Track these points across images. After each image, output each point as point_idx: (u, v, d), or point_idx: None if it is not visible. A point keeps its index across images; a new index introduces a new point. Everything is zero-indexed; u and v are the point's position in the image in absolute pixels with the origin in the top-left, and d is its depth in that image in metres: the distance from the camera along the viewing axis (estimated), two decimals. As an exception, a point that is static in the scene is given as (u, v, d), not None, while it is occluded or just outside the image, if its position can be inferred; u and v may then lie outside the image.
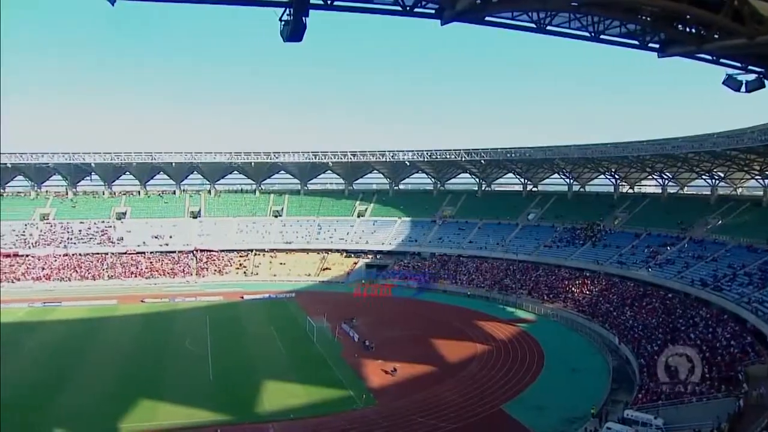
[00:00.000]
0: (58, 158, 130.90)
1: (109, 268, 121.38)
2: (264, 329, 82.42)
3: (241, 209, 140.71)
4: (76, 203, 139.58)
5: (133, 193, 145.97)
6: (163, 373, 63.07)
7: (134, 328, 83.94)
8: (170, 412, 51.11)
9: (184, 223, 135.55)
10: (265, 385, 58.53)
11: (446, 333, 79.06)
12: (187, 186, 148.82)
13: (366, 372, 62.76)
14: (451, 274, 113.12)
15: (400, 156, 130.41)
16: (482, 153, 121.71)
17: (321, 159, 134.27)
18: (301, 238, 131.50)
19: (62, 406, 53.48)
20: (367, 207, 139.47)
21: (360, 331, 78.37)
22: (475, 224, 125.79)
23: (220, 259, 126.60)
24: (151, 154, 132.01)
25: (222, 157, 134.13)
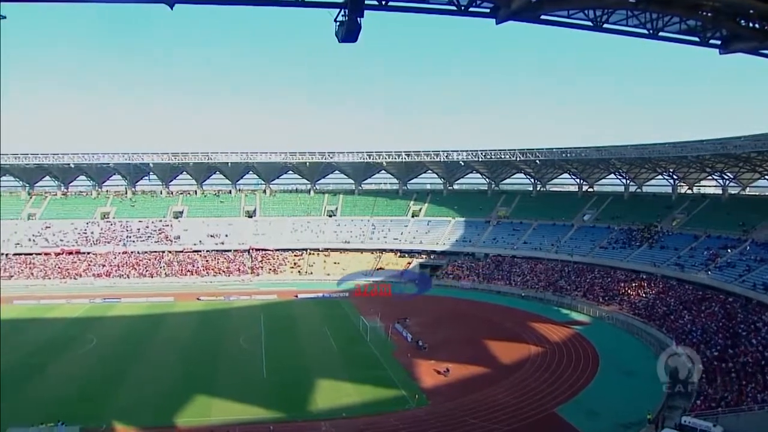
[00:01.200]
0: (118, 158, 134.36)
1: (166, 266, 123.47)
2: (317, 328, 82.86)
3: (296, 209, 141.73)
4: (135, 202, 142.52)
5: (190, 192, 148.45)
6: (217, 369, 63.85)
7: (190, 325, 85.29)
8: (224, 409, 51.71)
9: (239, 222, 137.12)
10: (318, 383, 58.72)
11: (500, 334, 78.33)
12: (242, 186, 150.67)
13: (418, 372, 62.53)
14: (505, 275, 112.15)
15: (455, 156, 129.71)
16: (537, 153, 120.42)
17: (375, 159, 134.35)
18: (355, 237, 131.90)
19: (122, 398, 54.80)
20: (421, 207, 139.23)
21: (413, 330, 78.25)
22: (529, 225, 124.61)
23: (275, 258, 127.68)
24: (208, 154, 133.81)
25: (277, 157, 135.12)
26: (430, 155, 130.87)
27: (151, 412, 50.87)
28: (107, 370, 63.43)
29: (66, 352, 71.01)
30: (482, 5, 26.77)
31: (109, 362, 66.58)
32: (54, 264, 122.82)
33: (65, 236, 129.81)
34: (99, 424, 47.71)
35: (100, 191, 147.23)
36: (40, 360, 67.12)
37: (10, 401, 53.75)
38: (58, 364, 65.84)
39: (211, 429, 45.81)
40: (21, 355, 68.76)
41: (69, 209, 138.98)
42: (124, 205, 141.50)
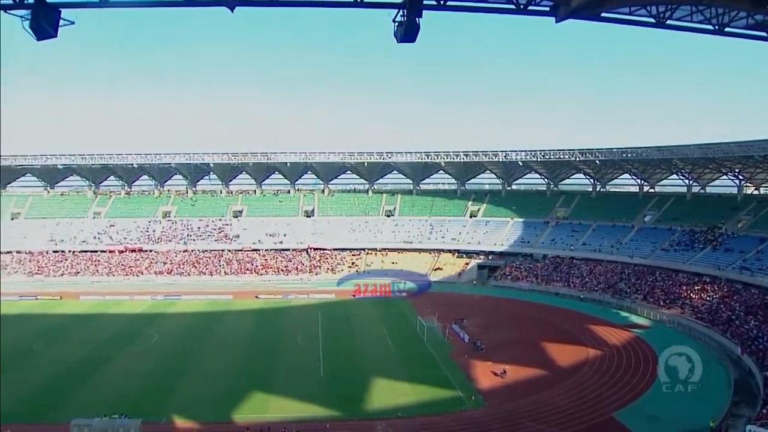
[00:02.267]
0: (180, 159, 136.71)
1: (225, 264, 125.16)
2: (374, 327, 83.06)
3: (354, 209, 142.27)
4: (196, 202, 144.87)
5: (249, 192, 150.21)
6: (275, 367, 64.41)
7: (249, 323, 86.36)
8: (281, 406, 52.09)
9: (297, 221, 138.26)
10: (375, 382, 58.74)
11: (557, 336, 77.23)
12: (301, 185, 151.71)
13: (475, 373, 62.08)
14: (563, 277, 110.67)
15: (513, 156, 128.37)
16: (597, 153, 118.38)
17: (433, 159, 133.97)
18: (413, 237, 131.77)
19: (181, 393, 55.83)
20: (479, 207, 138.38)
21: (470, 331, 77.76)
22: (588, 226, 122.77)
23: (333, 258, 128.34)
24: (267, 154, 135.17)
25: (335, 157, 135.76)
26: (489, 155, 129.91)
27: (210, 408, 51.59)
28: (168, 366, 64.76)
29: (129, 347, 72.67)
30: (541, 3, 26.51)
31: (169, 358, 67.99)
32: (117, 261, 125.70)
33: (128, 234, 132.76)
34: (159, 418, 48.63)
35: (162, 191, 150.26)
36: (104, 354, 68.93)
37: (76, 393, 55.73)
38: (121, 359, 67.45)
39: (268, 426, 46.09)
40: (86, 350, 70.97)
41: (132, 208, 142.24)
42: (185, 205, 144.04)
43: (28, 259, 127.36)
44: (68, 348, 71.81)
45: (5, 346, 69.33)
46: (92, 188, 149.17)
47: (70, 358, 67.03)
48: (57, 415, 49.25)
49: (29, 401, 53.63)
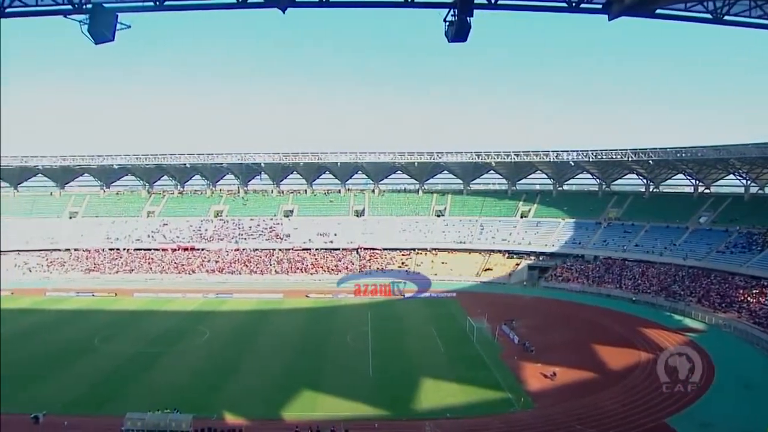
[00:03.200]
0: (231, 159, 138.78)
1: (276, 263, 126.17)
2: (424, 327, 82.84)
3: (404, 208, 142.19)
4: (247, 201, 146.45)
5: (300, 191, 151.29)
6: (324, 366, 64.71)
7: (299, 322, 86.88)
8: (330, 404, 52.37)
9: (348, 221, 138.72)
10: (423, 382, 58.58)
11: (608, 339, 75.87)
12: (351, 185, 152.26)
13: (524, 375, 61.44)
14: (615, 278, 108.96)
15: (564, 156, 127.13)
16: (650, 153, 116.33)
17: (484, 159, 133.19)
18: (463, 237, 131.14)
19: (232, 390, 56.59)
20: (530, 207, 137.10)
21: (520, 332, 77.10)
22: (641, 227, 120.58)
23: (383, 258, 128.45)
24: (317, 154, 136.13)
25: (386, 157, 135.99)
26: (540, 155, 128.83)
27: (260, 405, 52.12)
28: (219, 362, 65.62)
29: (181, 343, 74.00)
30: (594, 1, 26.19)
31: (220, 355, 68.88)
32: (170, 259, 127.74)
33: (181, 233, 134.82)
34: (210, 414, 49.21)
35: (214, 190, 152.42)
36: (157, 350, 70.35)
37: (130, 387, 57.06)
38: (173, 355, 68.75)
39: (316, 424, 46.31)
40: (140, 345, 72.57)
41: (185, 207, 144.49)
42: (237, 204, 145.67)
43: (84, 256, 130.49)
44: (123, 344, 73.42)
45: (66, 341, 73.47)
46: (146, 188, 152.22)
47: (125, 354, 68.56)
48: (112, 408, 50.60)
49: (87, 394, 55.44)
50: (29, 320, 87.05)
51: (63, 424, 47.23)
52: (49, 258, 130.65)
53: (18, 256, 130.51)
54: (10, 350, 69.63)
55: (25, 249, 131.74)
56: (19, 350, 70.00)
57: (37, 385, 58.11)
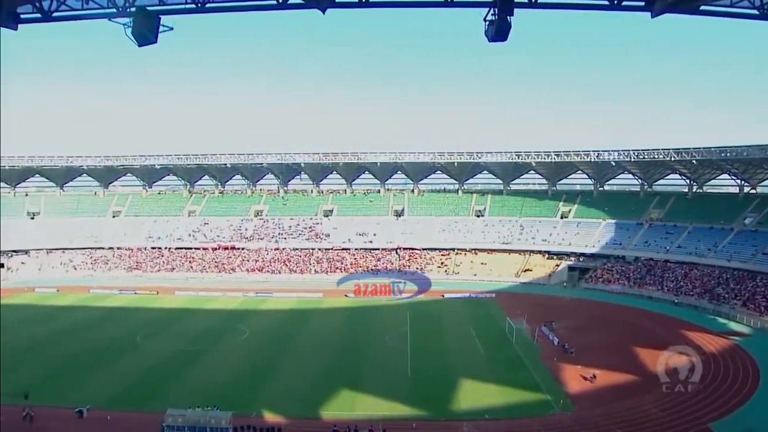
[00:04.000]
0: (271, 159, 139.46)
1: (315, 262, 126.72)
2: (463, 328, 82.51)
3: (444, 208, 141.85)
4: (287, 201, 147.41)
5: (340, 191, 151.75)
6: (363, 365, 64.84)
7: (338, 321, 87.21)
8: (368, 404, 52.38)
9: (387, 221, 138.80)
10: (462, 383, 58.29)
11: (650, 342, 74.03)
12: (391, 185, 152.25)
13: (564, 377, 60.72)
14: (657, 280, 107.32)
15: (605, 156, 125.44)
16: (693, 152, 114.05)
17: (524, 159, 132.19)
18: (502, 238, 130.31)
19: (271, 388, 57.00)
20: (570, 208, 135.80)
21: (560, 334, 76.26)
22: (684, 228, 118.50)
23: (422, 257, 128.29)
24: (357, 154, 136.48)
25: (425, 157, 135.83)
26: (580, 155, 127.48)
27: (298, 403, 52.35)
28: (258, 361, 66.07)
29: (221, 341, 74.69)
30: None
31: (260, 353, 69.33)
32: (211, 258, 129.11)
33: (221, 232, 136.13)
34: (249, 412, 49.54)
35: (254, 190, 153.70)
36: (197, 348, 71.20)
37: (171, 384, 58.04)
38: (213, 353, 69.45)
39: (355, 423, 46.37)
40: (181, 343, 73.55)
41: (225, 207, 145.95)
42: (277, 204, 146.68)
43: (127, 254, 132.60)
44: (164, 341, 74.47)
45: (109, 338, 75.21)
46: (187, 187, 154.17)
47: (166, 351, 69.53)
48: (153, 404, 51.38)
49: (129, 390, 56.54)
50: (74, 317, 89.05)
51: (106, 419, 47.91)
52: (93, 256, 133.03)
53: (63, 254, 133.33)
54: (56, 346, 72.07)
55: (70, 247, 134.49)
56: (64, 346, 71.97)
57: (82, 380, 59.33)
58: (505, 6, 23.82)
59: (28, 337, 76.60)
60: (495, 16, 24.31)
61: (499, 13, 23.99)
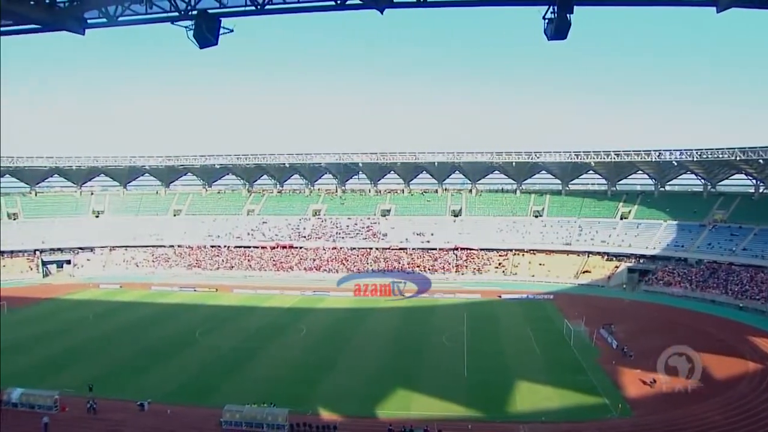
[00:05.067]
0: (329, 158, 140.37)
1: (373, 262, 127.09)
2: (520, 329, 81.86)
3: (502, 209, 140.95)
4: (345, 200, 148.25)
5: (397, 191, 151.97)
6: (420, 365, 64.77)
7: (395, 320, 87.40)
8: (424, 403, 52.29)
9: (445, 221, 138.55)
10: (518, 385, 57.83)
11: (713, 347, 71.90)
12: (448, 185, 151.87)
13: (623, 381, 59.63)
14: (721, 284, 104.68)
15: (667, 155, 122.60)
16: (760, 151, 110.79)
17: (583, 159, 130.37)
18: (561, 239, 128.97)
19: (327, 386, 57.43)
20: (630, 209, 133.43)
21: (618, 337, 75.02)
22: (750, 230, 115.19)
23: (480, 258, 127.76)
24: (415, 154, 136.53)
25: (483, 157, 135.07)
26: (641, 155, 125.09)
27: (354, 402, 52.63)
28: (315, 358, 66.64)
29: (279, 339, 75.76)
30: (701, -8, 25.31)
31: (317, 351, 69.94)
32: (269, 257, 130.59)
33: (280, 231, 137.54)
34: (306, 409, 50.04)
35: (313, 189, 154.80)
36: (255, 345, 72.37)
37: (228, 380, 58.98)
38: (270, 350, 70.50)
39: (410, 423, 46.38)
40: (239, 340, 74.82)
41: (284, 206, 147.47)
42: (335, 203, 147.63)
43: (187, 252, 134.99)
44: (222, 338, 75.75)
45: (170, 334, 77.62)
46: (246, 187, 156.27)
47: (224, 348, 70.79)
48: (211, 399, 52.52)
49: (188, 385, 57.92)
50: (136, 313, 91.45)
51: (166, 412, 49.27)
52: (155, 254, 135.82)
53: (126, 251, 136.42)
54: (119, 341, 74.17)
55: (133, 245, 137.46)
56: (127, 341, 74.12)
57: (143, 374, 60.90)
58: (564, 3, 23.58)
59: (93, 331, 79.41)
60: (554, 14, 24.05)
61: (559, 11, 23.75)
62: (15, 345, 71.50)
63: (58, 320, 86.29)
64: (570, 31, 24.37)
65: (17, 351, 69.05)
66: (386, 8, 25.66)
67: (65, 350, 69.96)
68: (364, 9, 26.92)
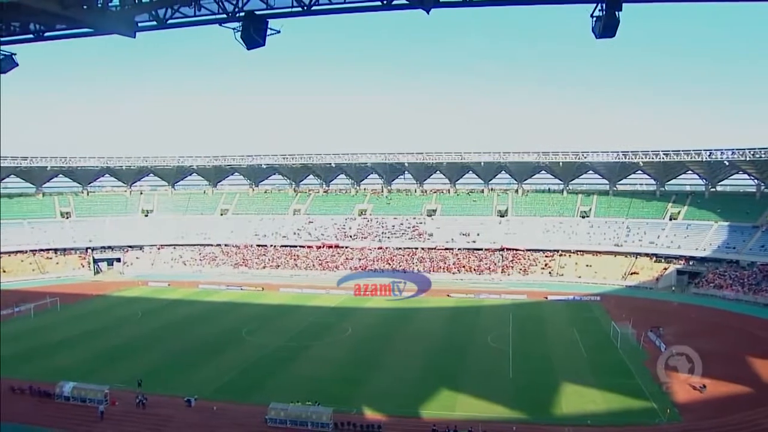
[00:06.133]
0: (375, 158, 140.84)
1: (418, 262, 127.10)
2: (566, 331, 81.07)
3: (548, 209, 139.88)
4: (391, 200, 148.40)
5: (443, 191, 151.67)
6: (464, 365, 64.58)
7: (440, 320, 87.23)
8: (468, 405, 52.08)
9: (491, 221, 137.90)
10: (564, 387, 57.18)
11: (766, 351, 70.61)
12: (494, 185, 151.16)
13: (671, 385, 58.71)
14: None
15: (718, 155, 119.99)
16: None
17: (631, 159, 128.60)
18: (608, 240, 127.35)
19: (372, 385, 57.68)
20: (680, 209, 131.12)
21: (667, 340, 73.63)
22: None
23: (526, 259, 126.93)
24: (461, 154, 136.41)
25: (529, 157, 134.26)
26: (691, 154, 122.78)
27: (399, 401, 52.57)
28: (360, 358, 67.00)
29: (323, 337, 76.25)
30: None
31: (361, 350, 70.33)
32: (315, 256, 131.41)
33: (326, 231, 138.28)
34: (350, 408, 50.28)
35: (359, 189, 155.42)
36: (300, 343, 73.07)
37: (274, 379, 59.72)
38: (316, 348, 71.02)
39: (454, 424, 46.22)
40: (285, 338, 75.52)
41: (330, 206, 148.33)
42: (380, 203, 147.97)
43: (234, 251, 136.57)
44: (268, 336, 76.61)
45: (216, 332, 78.72)
46: (293, 186, 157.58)
47: (270, 346, 71.57)
48: (257, 397, 53.18)
49: (234, 382, 58.73)
50: (184, 310, 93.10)
51: (212, 409, 50.12)
52: (202, 252, 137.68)
53: (174, 250, 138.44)
54: (167, 337, 75.77)
55: (181, 243, 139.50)
56: (175, 338, 75.82)
57: (191, 370, 61.99)
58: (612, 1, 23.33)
59: (142, 328, 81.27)
60: (602, 12, 23.76)
61: (607, 8, 23.48)
62: (67, 340, 73.94)
63: (109, 317, 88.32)
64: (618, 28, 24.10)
65: (70, 346, 71.44)
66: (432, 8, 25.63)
67: (115, 346, 71.58)
68: (410, 9, 26.94)
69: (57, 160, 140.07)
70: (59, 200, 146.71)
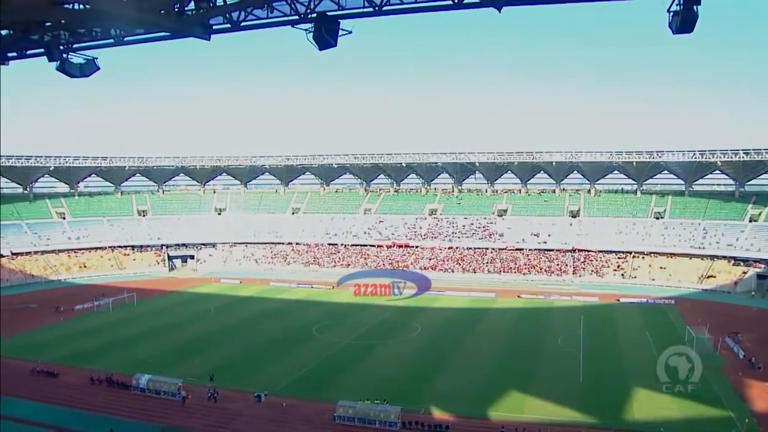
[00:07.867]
0: (446, 158, 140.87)
1: (488, 262, 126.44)
2: (638, 335, 79.40)
3: (621, 210, 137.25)
4: (461, 200, 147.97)
5: (514, 191, 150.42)
6: (534, 367, 64.01)
7: (510, 322, 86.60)
8: (537, 407, 51.58)
9: (562, 221, 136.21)
10: (636, 392, 56.02)
11: None
12: (566, 185, 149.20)
13: (750, 394, 56.44)
14: None
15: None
16: None
17: (708, 158, 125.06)
18: (683, 242, 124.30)
19: (440, 385, 57.67)
20: (761, 211, 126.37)
21: (745, 347, 71.55)
22: None
23: (598, 260, 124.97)
24: (532, 153, 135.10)
25: (602, 157, 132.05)
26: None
27: (467, 402, 52.53)
28: (429, 357, 66.98)
29: (393, 336, 76.67)
30: None
31: (430, 350, 70.34)
32: (385, 255, 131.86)
33: (396, 230, 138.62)
34: (418, 408, 50.41)
35: (429, 189, 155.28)
36: (369, 342, 73.63)
37: (343, 376, 60.45)
38: (385, 347, 71.42)
39: (523, 427, 45.84)
40: (354, 336, 76.35)
41: (400, 205, 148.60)
42: (451, 203, 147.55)
43: (305, 250, 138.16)
44: (338, 334, 77.47)
45: (287, 329, 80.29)
46: (363, 186, 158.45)
47: (340, 344, 72.44)
48: (326, 394, 53.91)
49: (304, 379, 59.73)
50: (255, 307, 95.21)
51: (281, 405, 51.11)
52: (273, 251, 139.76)
53: (246, 248, 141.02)
54: (238, 333, 77.39)
55: (253, 242, 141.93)
56: (246, 334, 77.66)
57: (261, 366, 63.32)
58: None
59: (214, 323, 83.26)
60: (680, 6, 23.15)
61: (686, 2, 22.90)
62: (143, 334, 76.33)
63: (183, 312, 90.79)
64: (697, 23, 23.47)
65: (145, 339, 73.80)
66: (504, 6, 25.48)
67: (188, 341, 73.64)
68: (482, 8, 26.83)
69: (134, 160, 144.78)
70: (136, 198, 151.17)
